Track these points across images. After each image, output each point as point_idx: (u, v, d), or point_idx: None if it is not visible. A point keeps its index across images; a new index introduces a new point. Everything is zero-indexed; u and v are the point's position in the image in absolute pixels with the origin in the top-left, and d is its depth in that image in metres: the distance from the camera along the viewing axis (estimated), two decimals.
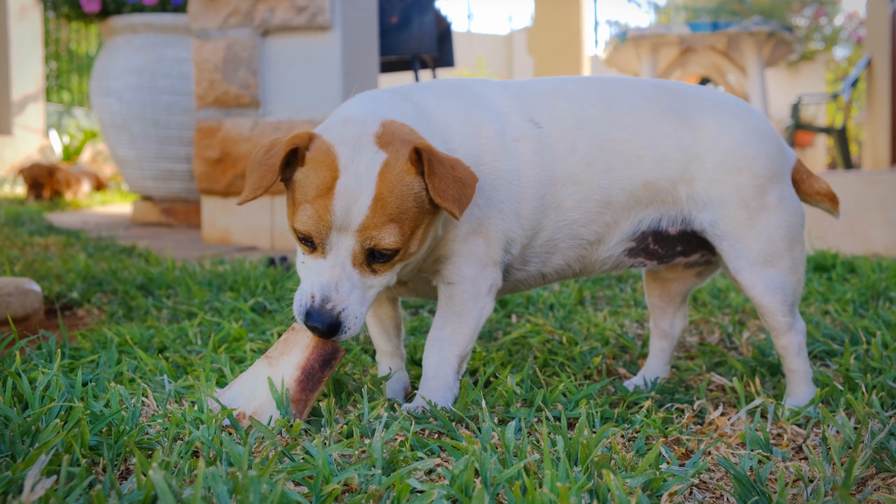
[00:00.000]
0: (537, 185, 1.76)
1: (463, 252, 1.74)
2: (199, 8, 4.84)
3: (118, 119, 6.03)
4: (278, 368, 1.63)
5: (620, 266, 1.91)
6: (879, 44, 9.07)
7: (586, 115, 1.80)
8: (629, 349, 2.41)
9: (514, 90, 1.83)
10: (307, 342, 1.63)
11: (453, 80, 1.86)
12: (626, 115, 1.81)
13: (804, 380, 1.87)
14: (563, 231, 1.81)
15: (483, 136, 1.73)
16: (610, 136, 1.80)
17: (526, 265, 1.85)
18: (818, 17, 16.89)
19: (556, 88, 1.84)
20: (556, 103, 1.81)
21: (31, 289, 2.55)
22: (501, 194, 1.73)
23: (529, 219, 1.77)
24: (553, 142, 1.77)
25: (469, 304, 1.75)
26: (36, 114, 12.18)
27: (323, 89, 4.73)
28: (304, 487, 1.30)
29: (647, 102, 1.83)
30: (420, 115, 1.71)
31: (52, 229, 5.46)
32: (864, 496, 1.32)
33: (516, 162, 1.74)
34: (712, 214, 1.80)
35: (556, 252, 1.84)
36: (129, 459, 1.42)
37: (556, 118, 1.79)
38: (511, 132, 1.75)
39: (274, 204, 4.88)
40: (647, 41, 8.27)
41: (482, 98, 1.78)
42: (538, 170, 1.76)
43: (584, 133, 1.79)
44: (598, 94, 1.84)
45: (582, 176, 1.78)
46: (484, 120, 1.74)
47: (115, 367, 1.95)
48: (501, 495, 1.30)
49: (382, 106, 1.70)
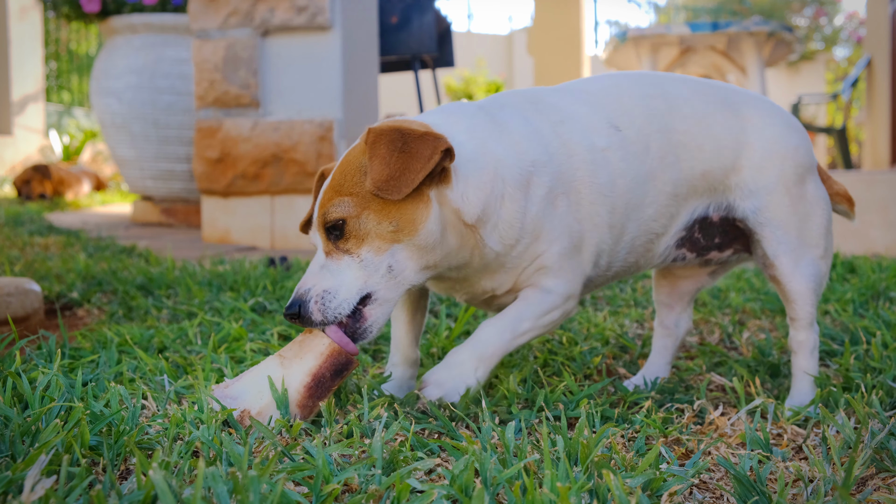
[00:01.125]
0: (626, 191, 1.75)
1: (565, 268, 1.73)
2: (199, 8, 4.84)
3: (118, 119, 6.03)
4: (290, 371, 1.62)
5: (667, 258, 1.91)
6: (879, 44, 9.07)
7: (653, 109, 1.80)
8: (629, 349, 2.41)
9: (584, 96, 1.80)
10: (322, 349, 1.62)
11: (529, 95, 1.81)
12: (683, 105, 1.82)
13: (811, 380, 1.88)
14: (641, 229, 1.81)
15: (576, 154, 1.71)
16: (674, 127, 1.80)
17: (609, 269, 1.85)
18: (818, 17, 16.89)
19: (616, 85, 1.83)
20: (624, 102, 1.80)
21: (31, 289, 2.55)
22: (598, 208, 1.73)
23: (618, 227, 1.77)
24: (632, 143, 1.77)
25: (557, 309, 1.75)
26: (36, 114, 12.18)
27: (323, 89, 4.73)
28: (304, 487, 1.30)
29: (697, 94, 1.85)
30: (495, 129, 1.68)
31: (52, 229, 5.46)
32: (864, 496, 1.32)
33: (609, 173, 1.73)
34: (756, 202, 1.83)
35: (633, 251, 1.84)
36: (129, 459, 1.42)
37: (631, 118, 1.78)
38: (600, 142, 1.74)
39: (274, 204, 4.88)
40: (647, 41, 8.27)
41: (564, 112, 1.76)
42: (626, 176, 1.75)
43: (654, 128, 1.79)
44: (654, 86, 1.84)
45: (657, 171, 1.78)
46: (573, 136, 1.72)
47: (115, 368, 1.95)
48: (501, 495, 1.30)
49: (451, 116, 1.69)
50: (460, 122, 1.68)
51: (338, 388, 1.71)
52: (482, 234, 1.64)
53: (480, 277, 1.75)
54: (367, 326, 1.62)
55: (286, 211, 4.85)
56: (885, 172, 4.90)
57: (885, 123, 8.82)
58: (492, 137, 1.66)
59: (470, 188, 1.60)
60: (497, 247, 1.66)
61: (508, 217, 1.64)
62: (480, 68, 16.65)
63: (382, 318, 1.63)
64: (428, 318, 2.67)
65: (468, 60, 17.01)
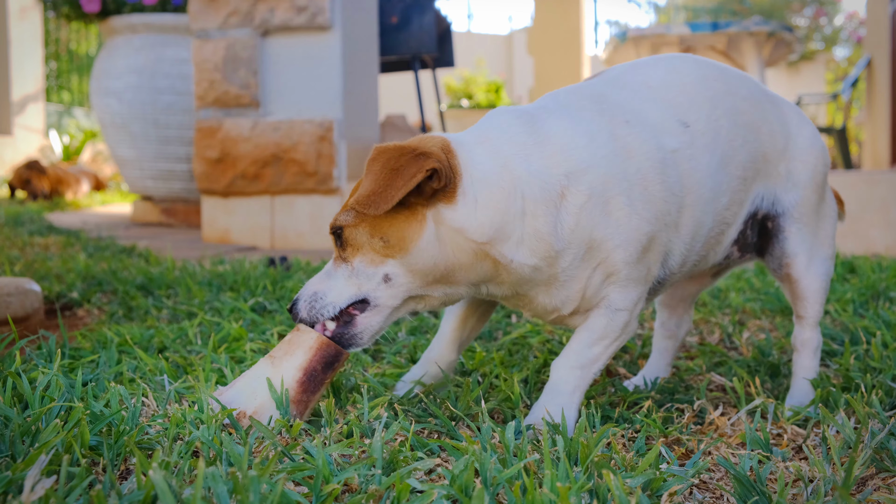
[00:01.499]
0: (699, 186, 1.68)
1: (634, 275, 1.64)
2: (199, 8, 4.84)
3: (118, 119, 6.03)
4: (280, 368, 1.63)
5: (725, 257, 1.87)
6: (879, 44, 9.07)
7: (715, 92, 1.75)
8: (629, 349, 2.41)
9: (647, 92, 1.71)
10: (311, 343, 1.63)
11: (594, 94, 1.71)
12: (739, 86, 1.79)
13: (810, 381, 1.89)
14: (716, 219, 1.74)
15: (638, 154, 1.62)
16: (736, 108, 1.76)
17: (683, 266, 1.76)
18: (818, 17, 16.90)
19: (675, 71, 1.76)
20: (687, 91, 1.73)
21: (31, 289, 2.55)
22: (669, 206, 1.65)
23: (691, 224, 1.69)
24: (701, 135, 1.70)
25: (627, 328, 1.69)
26: (36, 114, 12.18)
27: (323, 89, 4.73)
28: (304, 487, 1.30)
29: (742, 78, 1.82)
30: (528, 142, 1.60)
31: (52, 229, 5.46)
32: (864, 496, 1.32)
33: (678, 172, 1.66)
34: (796, 195, 1.83)
35: (706, 243, 1.76)
36: (129, 459, 1.42)
37: (697, 108, 1.72)
38: (670, 143, 1.66)
39: (274, 204, 4.88)
40: (647, 41, 8.27)
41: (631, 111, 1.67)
42: (698, 171, 1.68)
43: (720, 111, 1.73)
44: (711, 68, 1.79)
45: (728, 156, 1.73)
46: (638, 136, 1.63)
47: (115, 367, 1.95)
48: (501, 495, 1.30)
49: (483, 133, 1.63)
50: (488, 141, 1.61)
51: (331, 381, 1.71)
52: (502, 250, 1.57)
53: (534, 293, 1.66)
54: (358, 333, 1.61)
55: (286, 211, 4.85)
56: (885, 172, 4.90)
57: (885, 123, 8.82)
58: (519, 155, 1.58)
59: (480, 208, 1.55)
60: (529, 260, 1.58)
61: (535, 232, 1.56)
62: (480, 68, 16.65)
63: (376, 327, 1.62)
64: (428, 318, 2.67)
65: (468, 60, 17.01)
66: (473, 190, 1.55)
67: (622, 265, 1.61)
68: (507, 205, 1.55)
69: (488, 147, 1.59)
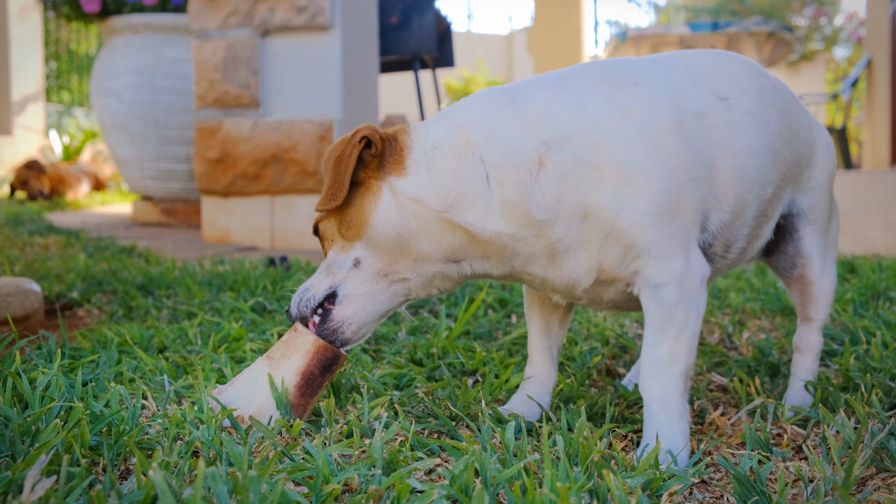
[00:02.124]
0: (735, 156, 1.60)
1: (662, 240, 1.49)
2: (199, 8, 4.84)
3: (118, 119, 6.03)
4: (278, 371, 1.63)
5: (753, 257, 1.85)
6: (879, 44, 9.07)
7: (763, 85, 1.73)
8: (629, 349, 2.41)
9: (683, 69, 1.67)
10: (308, 347, 1.62)
11: (612, 63, 1.66)
12: (783, 89, 1.79)
13: (811, 382, 1.89)
14: (761, 209, 1.70)
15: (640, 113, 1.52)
16: (782, 107, 1.75)
17: (728, 250, 1.69)
18: (818, 17, 16.90)
19: (723, 59, 1.74)
20: (733, 74, 1.70)
21: (31, 289, 2.55)
22: (693, 160, 1.53)
23: (727, 192, 1.59)
24: (743, 111, 1.65)
25: (684, 307, 1.52)
26: (36, 114, 12.18)
27: (323, 89, 4.73)
28: (304, 487, 1.30)
29: (782, 83, 1.82)
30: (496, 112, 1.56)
31: (52, 229, 5.46)
32: (864, 496, 1.32)
33: (704, 132, 1.57)
34: (812, 198, 1.83)
35: (750, 234, 1.72)
36: (129, 459, 1.42)
37: (741, 90, 1.68)
38: (692, 105, 1.58)
39: (274, 204, 4.88)
40: (647, 41, 8.27)
41: (647, 77, 1.60)
42: (732, 142, 1.61)
43: (768, 101, 1.72)
44: (757, 66, 1.79)
45: (777, 146, 1.70)
46: (646, 97, 1.55)
47: (115, 368, 1.95)
48: (501, 495, 1.30)
49: (451, 109, 1.63)
50: (450, 115, 1.60)
51: (329, 383, 1.71)
52: (467, 218, 1.52)
53: (538, 269, 1.59)
54: (336, 327, 1.61)
55: (286, 211, 4.85)
56: (885, 172, 4.90)
57: (885, 123, 8.82)
58: (477, 122, 1.55)
59: (433, 176, 1.53)
60: (505, 228, 1.52)
61: (504, 199, 1.50)
62: (480, 68, 16.65)
63: (354, 317, 1.61)
64: (428, 318, 2.67)
65: (468, 60, 17.01)
66: (426, 159, 1.56)
67: (637, 231, 1.49)
68: (462, 171, 1.52)
69: (447, 119, 1.60)
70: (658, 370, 1.52)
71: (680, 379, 1.52)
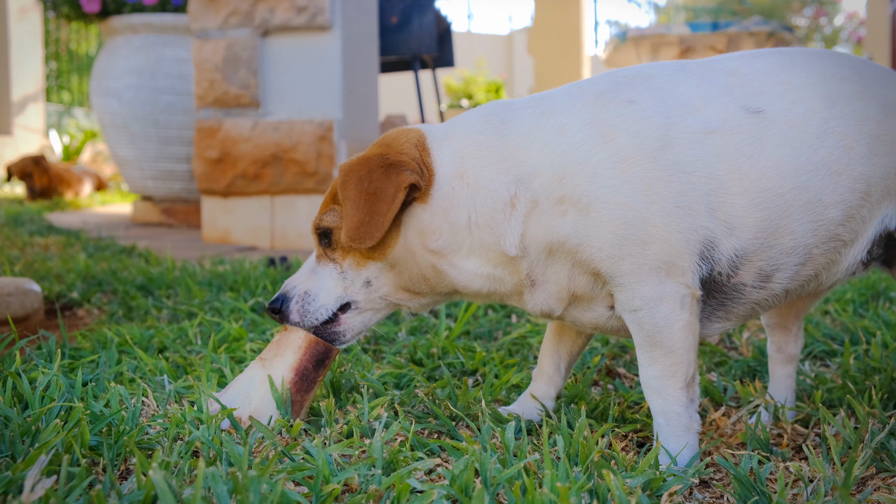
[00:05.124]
0: (756, 177, 1.49)
1: (628, 268, 1.48)
2: (199, 8, 4.84)
3: (118, 119, 6.03)
4: (272, 371, 1.63)
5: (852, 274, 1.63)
6: (879, 44, 9.07)
7: (839, 92, 1.56)
8: (629, 349, 2.41)
9: (719, 77, 1.57)
10: (299, 343, 1.63)
11: (626, 74, 1.60)
12: (878, 92, 1.58)
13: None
14: (821, 234, 1.53)
15: (620, 137, 1.48)
16: (867, 115, 1.55)
17: (768, 280, 1.54)
18: (818, 17, 16.90)
19: (789, 63, 1.60)
20: (787, 82, 1.56)
21: (31, 289, 2.55)
22: (677, 187, 1.46)
23: (743, 216, 1.49)
24: (783, 125, 1.51)
25: (666, 329, 1.49)
26: (36, 114, 12.18)
27: (323, 89, 4.73)
28: (304, 487, 1.30)
29: (889, 81, 1.62)
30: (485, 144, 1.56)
31: (52, 229, 5.46)
32: (864, 496, 1.32)
33: (705, 152, 1.48)
34: None
35: (809, 261, 1.55)
36: (129, 459, 1.42)
37: (792, 99, 1.54)
38: (696, 124, 1.50)
39: (274, 204, 4.88)
40: (647, 41, 8.27)
41: (653, 93, 1.54)
42: (754, 161, 1.49)
43: (838, 112, 1.54)
44: (847, 67, 1.61)
45: (841, 163, 1.52)
46: (631, 119, 1.50)
47: (115, 367, 1.95)
48: (501, 495, 1.30)
49: (456, 129, 1.60)
50: (455, 139, 1.58)
51: (325, 379, 1.72)
52: (453, 261, 1.56)
53: (515, 301, 1.62)
54: (341, 330, 1.65)
55: (286, 211, 4.85)
56: None
57: None
58: (473, 155, 1.55)
59: (436, 217, 1.54)
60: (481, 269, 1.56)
61: (483, 241, 1.54)
62: (480, 68, 16.65)
63: (359, 327, 1.66)
64: (428, 318, 2.67)
65: (468, 60, 17.01)
66: (439, 191, 1.55)
67: (599, 262, 1.48)
68: (457, 216, 1.54)
69: (454, 144, 1.58)
70: (657, 388, 1.52)
71: (681, 393, 1.51)
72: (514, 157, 1.52)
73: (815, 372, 2.12)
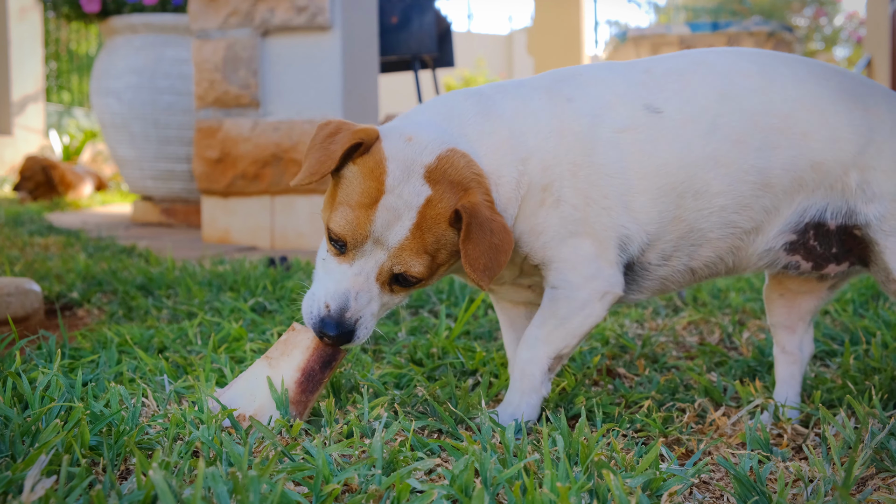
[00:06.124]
0: (654, 175, 1.63)
1: (564, 256, 1.65)
2: (199, 8, 4.84)
3: (118, 119, 6.03)
4: (278, 369, 1.63)
5: (776, 263, 1.73)
6: (879, 44, 9.07)
7: (735, 89, 1.65)
8: (629, 349, 2.41)
9: (637, 75, 1.70)
10: (307, 343, 1.63)
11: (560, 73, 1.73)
12: (789, 87, 1.65)
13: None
14: (712, 219, 1.66)
15: (568, 134, 1.63)
16: (767, 110, 1.64)
17: (668, 260, 1.70)
18: (818, 17, 16.91)
19: (696, 62, 1.70)
20: (690, 81, 1.66)
21: (31, 289, 2.55)
22: (603, 189, 1.62)
23: (647, 211, 1.64)
24: (680, 125, 1.63)
25: (574, 310, 1.67)
26: (36, 114, 12.18)
27: (323, 89, 4.73)
28: (304, 487, 1.30)
29: (814, 76, 1.68)
30: (487, 126, 1.64)
31: (52, 229, 5.46)
32: (864, 496, 1.32)
33: (619, 154, 1.62)
34: (880, 208, 1.64)
35: (706, 244, 1.69)
36: (129, 459, 1.42)
37: (687, 98, 1.65)
38: (610, 124, 1.63)
39: (274, 204, 4.88)
40: (647, 41, 8.27)
41: (582, 90, 1.67)
42: (652, 159, 1.63)
43: (729, 108, 1.64)
44: (754, 63, 1.69)
45: (728, 157, 1.63)
46: (572, 117, 1.64)
47: (115, 368, 1.95)
48: (501, 495, 1.30)
49: (452, 122, 1.64)
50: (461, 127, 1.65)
51: (330, 380, 1.71)
52: None
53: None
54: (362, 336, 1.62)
55: (286, 211, 4.85)
56: None
57: None
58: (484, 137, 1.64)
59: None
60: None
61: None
62: (480, 68, 16.65)
63: (372, 327, 1.63)
64: (428, 318, 2.67)
65: (468, 60, 17.01)
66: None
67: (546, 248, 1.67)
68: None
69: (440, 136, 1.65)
70: (531, 345, 1.70)
71: (546, 360, 1.69)
72: (512, 137, 1.66)
73: (815, 372, 2.12)
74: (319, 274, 1.62)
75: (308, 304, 1.59)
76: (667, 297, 3.12)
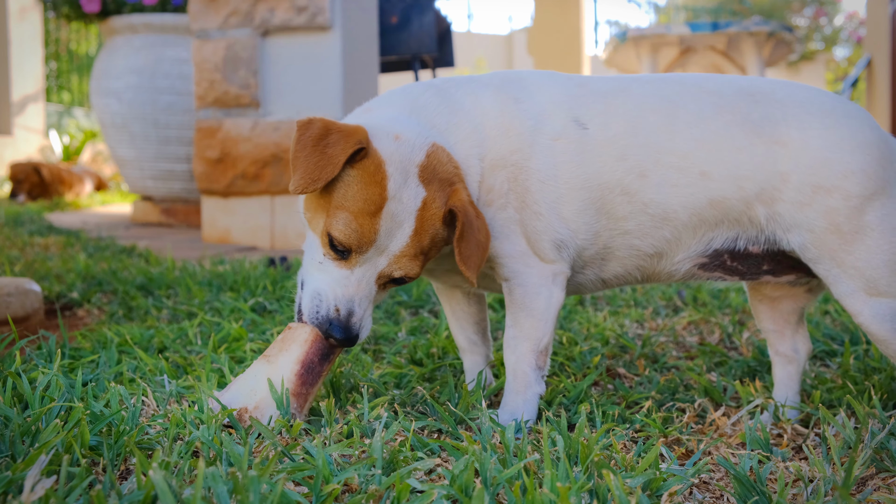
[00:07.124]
0: (579, 188, 1.67)
1: (507, 252, 1.70)
2: (199, 8, 4.84)
3: (118, 119, 6.03)
4: (277, 365, 1.63)
5: (695, 278, 1.78)
6: (879, 44, 9.07)
7: (644, 123, 1.67)
8: (629, 349, 2.41)
9: (573, 87, 1.74)
10: (305, 337, 1.63)
11: (508, 74, 1.78)
12: (692, 126, 1.65)
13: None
14: (617, 240, 1.72)
15: (513, 134, 1.67)
16: (669, 148, 1.65)
17: (583, 269, 1.77)
18: (818, 17, 16.90)
19: (619, 89, 1.73)
20: (612, 106, 1.69)
21: (31, 289, 2.55)
22: (535, 195, 1.67)
23: (576, 221, 1.68)
24: (599, 145, 1.67)
25: (531, 295, 1.70)
26: (36, 114, 12.17)
27: (323, 89, 4.73)
28: (304, 487, 1.30)
29: (720, 112, 1.66)
30: (453, 118, 1.69)
31: (52, 229, 5.46)
32: (864, 496, 1.32)
33: (553, 161, 1.66)
34: (800, 237, 1.62)
35: (613, 259, 1.75)
36: (129, 459, 1.42)
37: (607, 122, 1.68)
38: (549, 131, 1.67)
39: (274, 204, 4.88)
40: (647, 41, 8.27)
41: (528, 93, 1.72)
42: (578, 171, 1.66)
43: (638, 141, 1.66)
44: (663, 99, 1.69)
45: (632, 187, 1.66)
46: (518, 117, 1.68)
47: (115, 367, 1.95)
48: (501, 495, 1.30)
49: (420, 114, 1.67)
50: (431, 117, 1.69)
51: (328, 375, 1.71)
52: None
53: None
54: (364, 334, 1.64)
55: (286, 211, 4.85)
56: None
57: (884, 123, 8.82)
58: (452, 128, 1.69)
59: None
60: None
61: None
62: (480, 68, 16.65)
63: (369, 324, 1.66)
64: (428, 318, 2.67)
65: (468, 60, 17.02)
66: None
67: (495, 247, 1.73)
68: None
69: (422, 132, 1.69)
70: (513, 346, 1.72)
71: (532, 355, 1.71)
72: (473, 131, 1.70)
73: (815, 372, 2.12)
74: (314, 273, 1.61)
75: (313, 303, 1.59)
76: (667, 297, 3.12)
